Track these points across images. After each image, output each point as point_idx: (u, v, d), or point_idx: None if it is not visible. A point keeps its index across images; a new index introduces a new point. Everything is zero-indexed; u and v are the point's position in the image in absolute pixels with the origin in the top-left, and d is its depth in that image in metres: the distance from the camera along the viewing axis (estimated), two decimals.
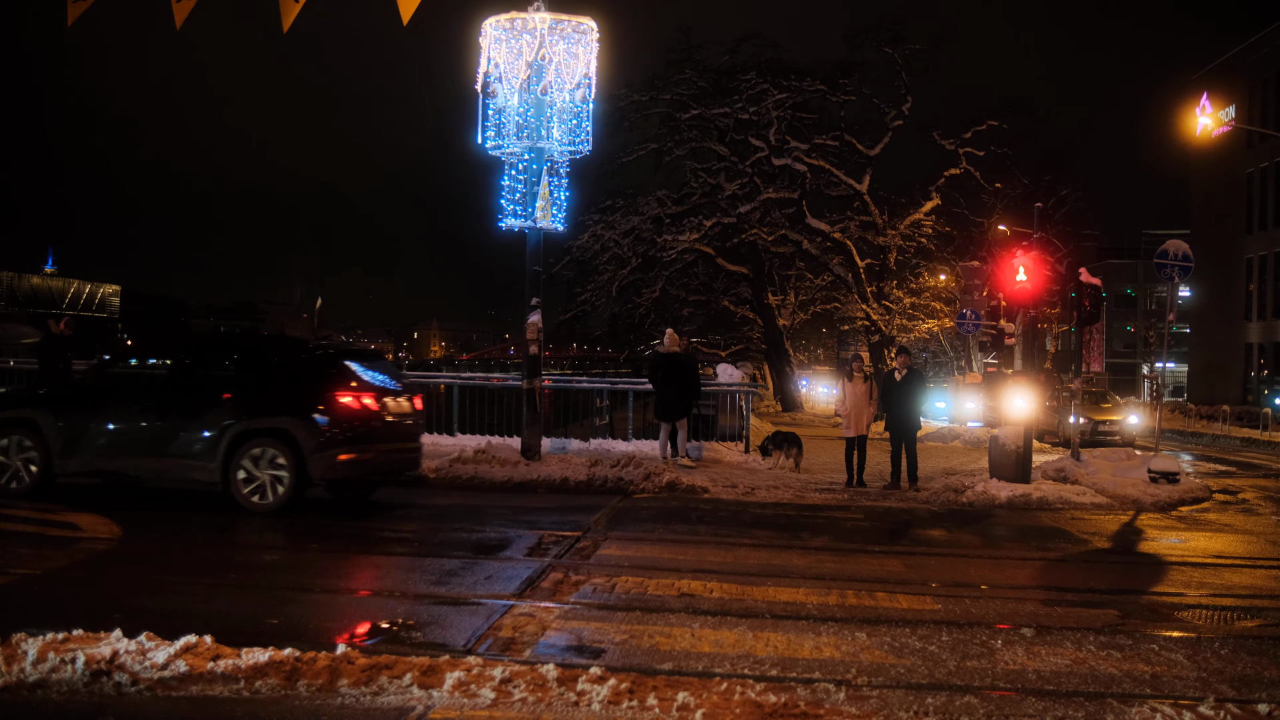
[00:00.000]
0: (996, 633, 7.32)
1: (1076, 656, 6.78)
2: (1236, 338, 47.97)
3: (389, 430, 12.13)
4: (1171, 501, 15.11)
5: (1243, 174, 47.80)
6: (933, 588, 8.85)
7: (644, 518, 12.24)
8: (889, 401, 15.92)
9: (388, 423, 12.08)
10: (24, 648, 5.77)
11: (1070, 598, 8.69)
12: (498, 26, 15.12)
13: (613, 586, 8.37)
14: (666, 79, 38.96)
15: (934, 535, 11.98)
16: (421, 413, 13.48)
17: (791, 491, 14.99)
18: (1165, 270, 18.05)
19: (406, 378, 14.55)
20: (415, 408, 13.03)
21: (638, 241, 39.52)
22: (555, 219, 15.73)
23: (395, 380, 12.76)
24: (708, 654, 6.59)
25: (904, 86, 37.08)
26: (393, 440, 12.26)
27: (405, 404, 12.61)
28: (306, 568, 8.82)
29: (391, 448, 12.23)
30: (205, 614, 7.11)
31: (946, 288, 42.13)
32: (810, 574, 9.22)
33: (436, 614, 7.37)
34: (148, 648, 5.80)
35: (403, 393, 12.64)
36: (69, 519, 10.70)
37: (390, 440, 12.19)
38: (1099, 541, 11.87)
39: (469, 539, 10.51)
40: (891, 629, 7.32)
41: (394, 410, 12.25)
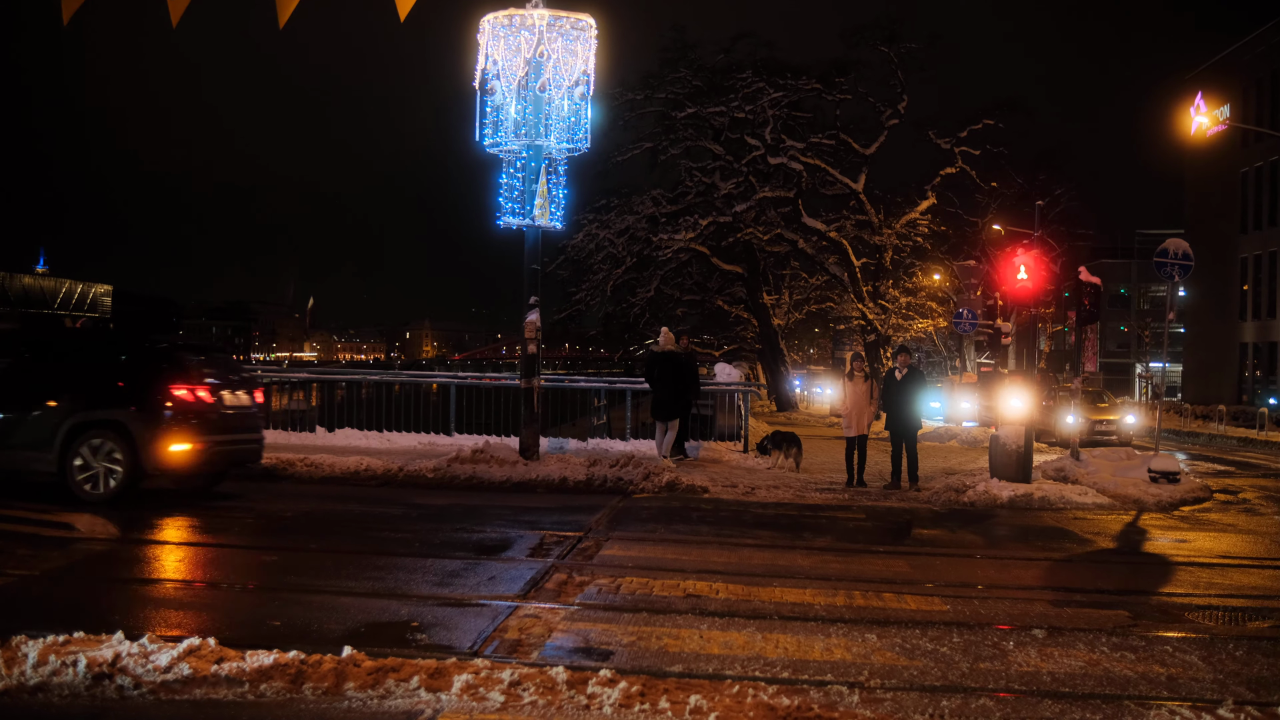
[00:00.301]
0: (1008, 634, 7.24)
1: (1090, 658, 6.70)
2: (1231, 337, 48.01)
3: (226, 422, 12.52)
4: (1173, 501, 15.05)
5: (1237, 173, 47.82)
6: (940, 588, 8.77)
7: (645, 518, 12.15)
8: (889, 401, 15.84)
9: (225, 415, 12.50)
10: (24, 650, 5.66)
11: (1079, 598, 8.61)
12: (496, 23, 15.01)
13: (617, 587, 8.28)
14: (661, 78, 38.83)
15: (938, 535, 11.90)
16: (263, 405, 13.99)
17: (792, 491, 14.91)
18: (1166, 269, 17.99)
19: (399, 377, 14.54)
20: (255, 401, 13.46)
21: (633, 241, 39.40)
22: (554, 217, 15.64)
23: (234, 374, 13.26)
24: (717, 656, 6.50)
25: (900, 85, 37.02)
26: (230, 432, 12.64)
27: (244, 397, 13.03)
28: (304, 568, 8.71)
29: (228, 439, 12.57)
30: (207, 615, 7.02)
31: (941, 287, 42.10)
32: (816, 575, 9.14)
33: (441, 615, 7.27)
34: (150, 650, 5.70)
35: (242, 386, 13.06)
36: (66, 519, 10.58)
37: (227, 432, 12.57)
38: (1103, 541, 11.80)
39: (470, 539, 10.41)
40: (901, 630, 7.24)
41: (231, 403, 12.65)
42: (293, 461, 14.96)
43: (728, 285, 46.02)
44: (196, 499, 12.48)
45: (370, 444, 18.05)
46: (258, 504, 12.34)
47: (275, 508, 12.08)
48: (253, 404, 13.28)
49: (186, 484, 12.85)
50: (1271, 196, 45.43)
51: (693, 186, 39.19)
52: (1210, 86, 46.34)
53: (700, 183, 38.86)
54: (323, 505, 12.33)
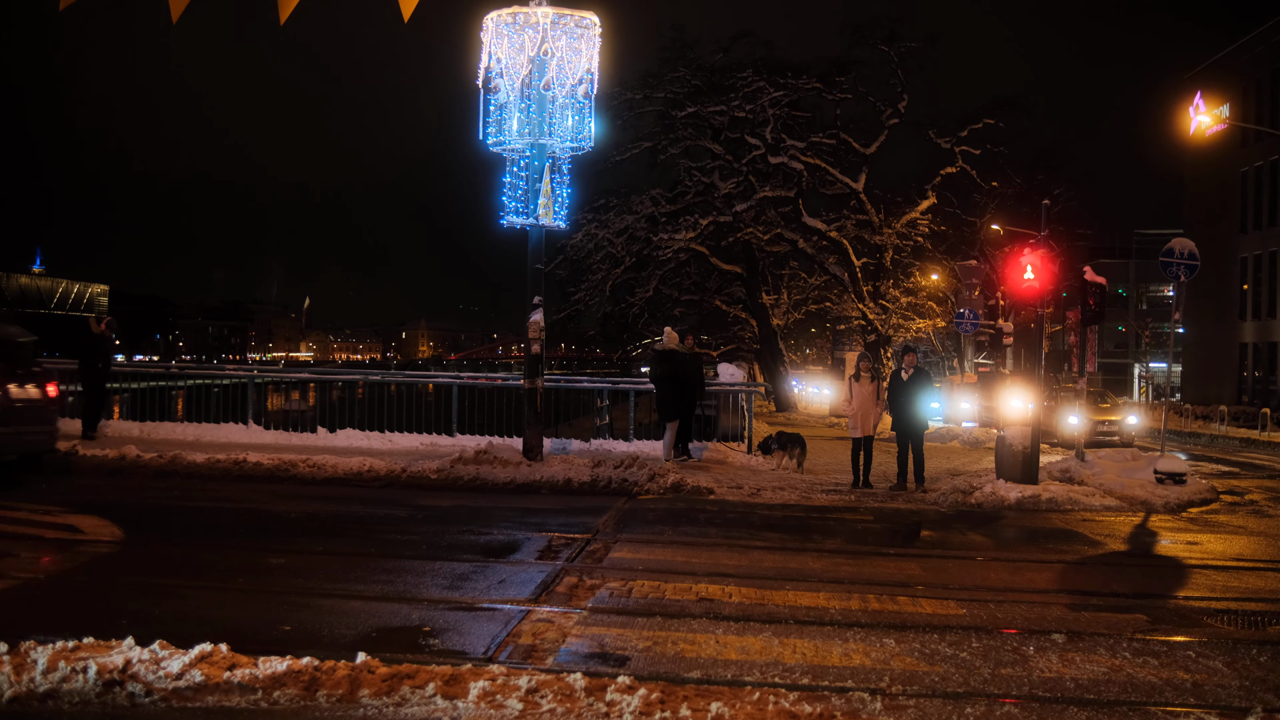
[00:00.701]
0: (1027, 638, 7.14)
1: (1112, 664, 6.62)
2: (1231, 337, 47.96)
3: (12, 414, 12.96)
4: (1181, 503, 14.95)
5: (1237, 173, 47.77)
6: (954, 592, 8.68)
7: (652, 519, 12.05)
8: (895, 402, 15.73)
9: (13, 407, 12.93)
10: (33, 656, 5.56)
11: (1095, 602, 8.52)
12: (500, 21, 14.90)
13: (629, 591, 8.18)
14: (660, 77, 38.77)
15: (947, 537, 11.80)
16: (56, 399, 14.24)
17: (797, 493, 14.81)
18: (1172, 269, 17.89)
19: (395, 378, 14.45)
20: (47, 394, 13.73)
21: (631, 240, 39.32)
22: (557, 216, 15.53)
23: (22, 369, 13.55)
24: (735, 661, 6.41)
25: (900, 85, 36.96)
26: (16, 424, 13.07)
27: (33, 390, 13.37)
28: (312, 571, 8.61)
29: (12, 430, 12.95)
30: (216, 620, 6.91)
31: (939, 287, 42.04)
32: (828, 577, 9.04)
33: (453, 619, 7.17)
34: (161, 656, 5.60)
35: (31, 379, 13.42)
36: (69, 520, 10.47)
37: (13, 424, 12.99)
38: (1114, 544, 11.70)
39: (477, 541, 10.30)
40: (919, 635, 7.15)
41: (17, 395, 13.05)
42: (295, 463, 14.85)
43: (726, 285, 45.96)
44: (221, 499, 12.40)
45: (372, 445, 17.95)
46: (262, 505, 12.24)
47: (280, 509, 11.97)
48: (43, 396, 13.58)
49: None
50: (1271, 196, 45.37)
51: (692, 186, 39.10)
52: (1210, 86, 46.33)
53: (699, 182, 38.77)
54: (327, 507, 12.22)
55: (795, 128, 37.72)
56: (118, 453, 15.11)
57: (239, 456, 15.00)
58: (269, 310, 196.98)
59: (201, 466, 14.73)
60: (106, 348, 18.22)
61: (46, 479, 13.75)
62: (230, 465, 14.72)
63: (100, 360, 17.90)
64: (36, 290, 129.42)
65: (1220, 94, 46.50)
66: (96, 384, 17.87)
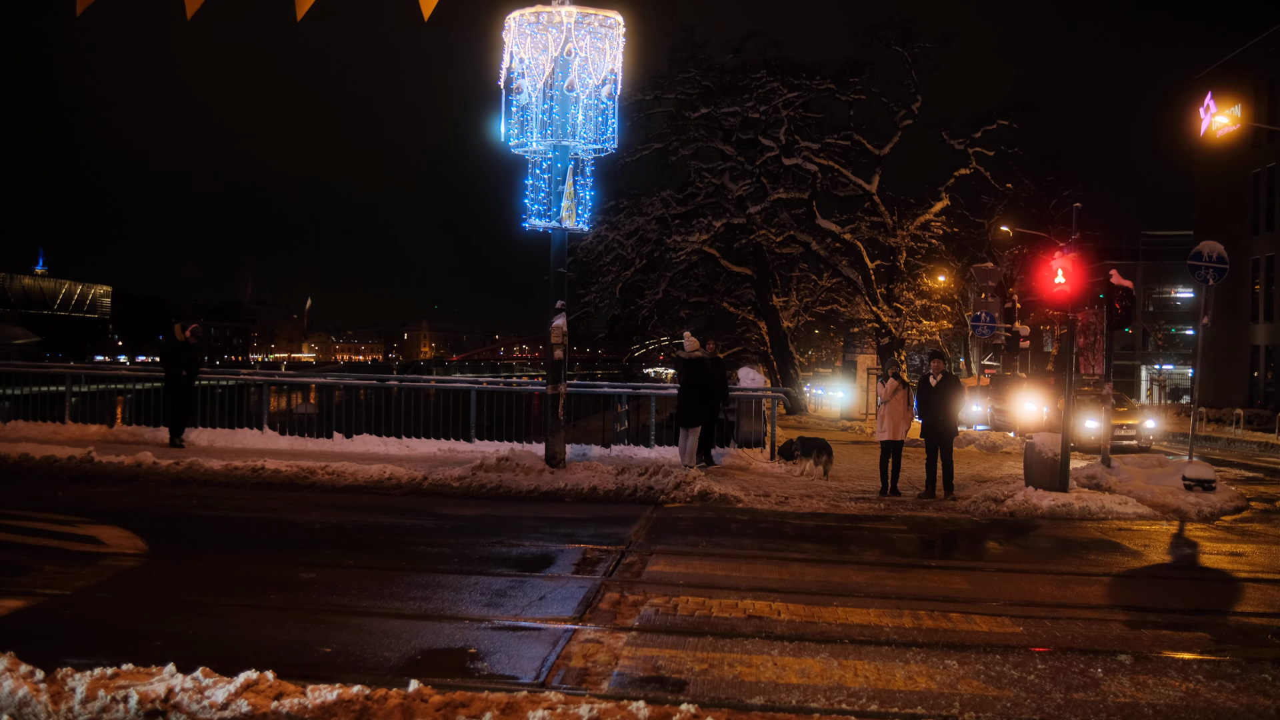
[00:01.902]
0: (1094, 659, 6.89)
1: (1187, 688, 6.36)
2: (1242, 340, 47.63)
3: None
4: (1214, 511, 14.68)
5: (1249, 174, 47.42)
6: (1006, 607, 8.42)
7: (683, 530, 11.79)
8: (925, 408, 15.48)
9: None
10: (71, 684, 5.31)
11: (1153, 619, 8.26)
12: (522, 20, 14.64)
13: (674, 608, 7.92)
14: (671, 78, 38.54)
15: (986, 548, 11.56)
16: None
17: (826, 501, 14.55)
18: (1200, 272, 17.64)
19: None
20: None
21: (641, 242, 39.08)
22: (580, 219, 15.26)
23: None
24: (797, 686, 6.16)
25: (914, 85, 36.71)
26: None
27: None
28: (345, 587, 8.35)
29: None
30: (253, 641, 6.67)
31: (948, 289, 41.78)
32: (874, 592, 8.79)
33: (498, 641, 6.91)
34: (205, 685, 5.34)
35: None
36: (90, 531, 10.22)
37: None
38: (1155, 555, 11.43)
39: (510, 554, 10.05)
40: (981, 655, 6.90)
41: None
42: (314, 470, 14.59)
43: (735, 287, 45.73)
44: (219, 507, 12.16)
45: (390, 451, 17.69)
46: (285, 515, 11.99)
47: (304, 518, 11.71)
48: None
49: None
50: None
51: (702, 188, 38.85)
52: (1221, 87, 46.03)
53: (710, 184, 38.52)
54: (351, 516, 11.95)
55: (808, 129, 37.47)
56: (133, 459, 14.85)
57: (257, 463, 14.74)
58: (270, 311, 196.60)
59: (219, 473, 14.48)
60: (192, 355, 17.89)
61: (63, 486, 13.51)
62: (248, 473, 14.47)
63: (185, 367, 17.59)
64: (39, 291, 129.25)
65: (1232, 95, 46.15)
66: (182, 392, 17.58)
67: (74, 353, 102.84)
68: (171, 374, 17.54)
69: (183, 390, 17.64)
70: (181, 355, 17.63)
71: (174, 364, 17.57)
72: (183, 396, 17.72)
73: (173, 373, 17.52)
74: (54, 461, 14.82)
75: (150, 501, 12.64)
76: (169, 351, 17.76)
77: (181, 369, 17.55)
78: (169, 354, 17.73)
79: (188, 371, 17.65)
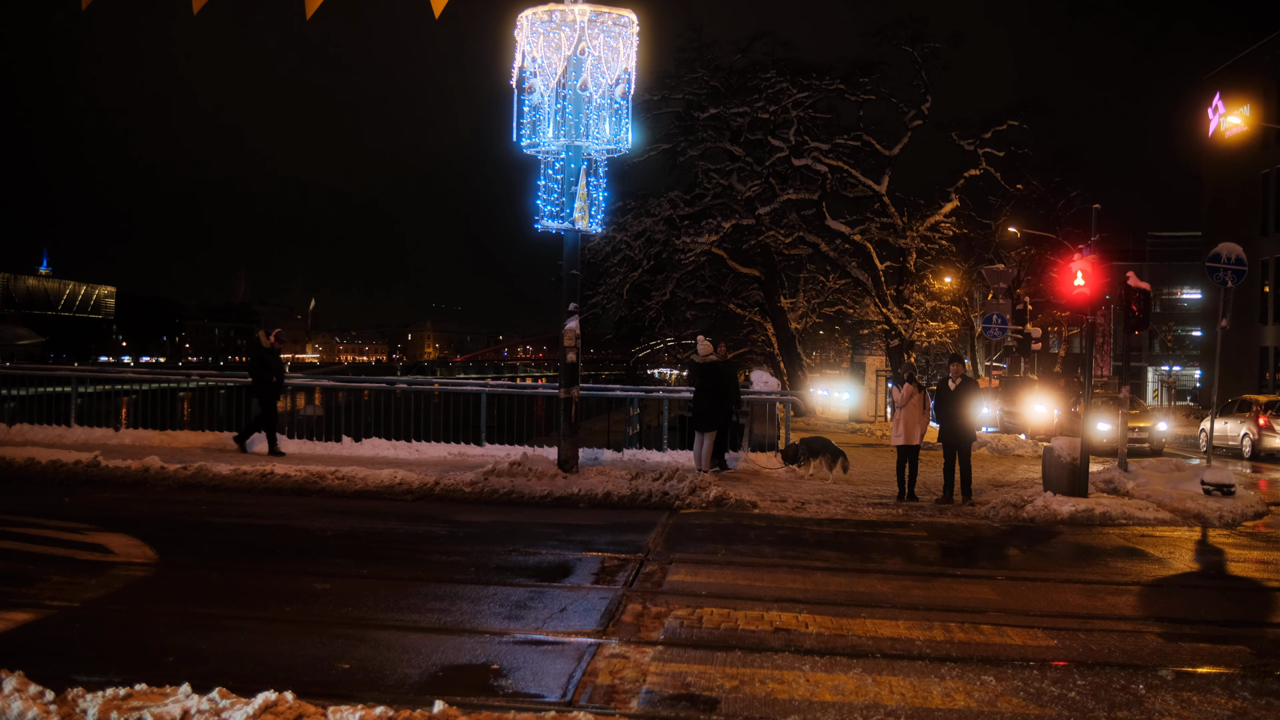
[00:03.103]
0: (1134, 675, 6.67)
1: (1235, 706, 6.15)
2: (1251, 341, 47.36)
3: None
4: (1235, 517, 14.45)
5: (1258, 175, 47.17)
6: (1037, 619, 8.21)
7: (701, 537, 11.59)
8: (943, 411, 15.28)
9: None
10: (82, 705, 5.10)
11: (1189, 631, 8.05)
12: (535, 19, 14.43)
13: (699, 620, 7.71)
14: (679, 78, 38.30)
15: (1010, 556, 11.35)
16: None
17: (843, 506, 14.35)
18: (1218, 274, 17.40)
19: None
20: None
21: (649, 243, 38.85)
22: (594, 221, 15.05)
23: None
24: (833, 704, 5.95)
25: (924, 85, 36.46)
26: None
27: None
28: (360, 598, 8.14)
29: None
30: (268, 657, 6.46)
31: (955, 291, 41.52)
32: (901, 603, 8.58)
33: (521, 656, 6.70)
34: (222, 707, 5.13)
35: None
36: (98, 539, 10.03)
37: None
38: (1181, 563, 11.21)
39: (527, 563, 9.85)
40: (1018, 671, 6.69)
41: None
42: (323, 474, 14.38)
43: (742, 289, 45.51)
44: (213, 512, 11.97)
45: (399, 455, 17.49)
46: (296, 521, 11.78)
47: (315, 525, 11.50)
48: None
49: None
50: None
51: (710, 189, 38.62)
52: (1230, 87, 45.77)
53: (718, 185, 38.29)
54: (363, 523, 11.75)
55: (816, 129, 37.24)
56: (140, 464, 14.65)
57: (265, 468, 14.54)
58: (274, 312, 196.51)
59: (228, 478, 14.28)
60: (279, 360, 17.63)
61: (69, 492, 13.33)
62: (257, 478, 14.27)
63: (274, 374, 17.35)
64: (44, 292, 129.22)
65: (1241, 95, 45.89)
66: (272, 398, 17.36)
67: (78, 354, 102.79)
68: (261, 379, 17.20)
69: (274, 397, 17.37)
70: (269, 362, 17.32)
71: (263, 370, 17.24)
72: (274, 403, 17.42)
73: (262, 378, 17.19)
74: (60, 466, 14.62)
75: (159, 508, 12.46)
76: (257, 359, 17.42)
77: (271, 375, 17.26)
78: (258, 361, 17.38)
79: (276, 378, 17.36)
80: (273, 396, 17.39)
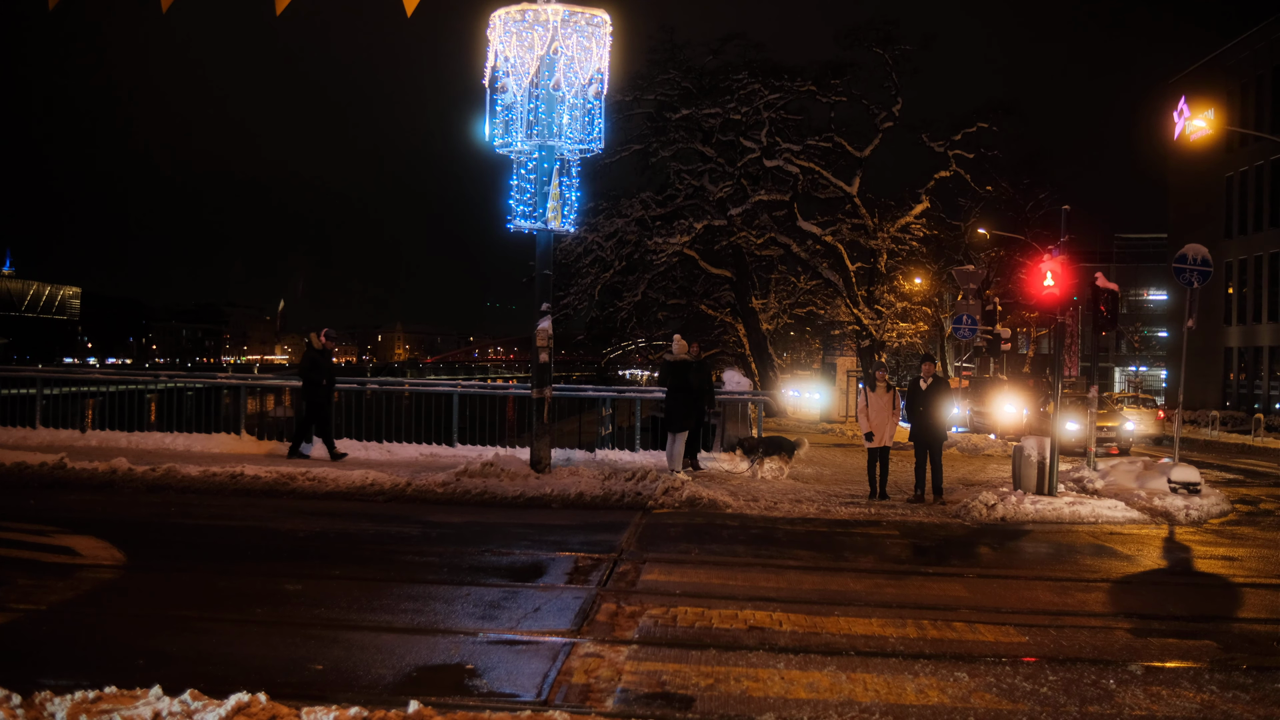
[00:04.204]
0: (1104, 670, 6.73)
1: (1203, 699, 6.22)
2: (1216, 342, 47.93)
3: None
4: (1202, 515, 14.60)
5: (1223, 177, 47.77)
6: (1008, 616, 8.27)
7: (674, 536, 11.59)
8: (914, 411, 15.35)
9: None
10: (50, 709, 5.04)
11: (1157, 626, 8.12)
12: (508, 19, 14.40)
13: (673, 619, 7.71)
14: (650, 79, 38.30)
15: (981, 554, 11.41)
16: None
17: (815, 506, 14.39)
18: (1185, 276, 17.60)
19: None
20: None
21: (621, 244, 38.83)
22: (566, 220, 15.03)
23: None
24: (807, 701, 5.97)
25: (894, 88, 36.65)
26: None
27: None
28: (333, 599, 8.09)
29: None
30: (240, 659, 6.41)
31: (925, 291, 41.73)
32: (875, 601, 8.61)
33: (496, 656, 6.68)
34: (194, 709, 5.08)
35: None
36: (65, 542, 9.91)
37: None
38: (1149, 560, 11.31)
39: (500, 563, 9.82)
40: (991, 667, 6.73)
41: None
42: (294, 476, 14.29)
43: (713, 289, 45.53)
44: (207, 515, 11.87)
45: (371, 456, 17.39)
46: (267, 523, 11.69)
47: (286, 527, 11.41)
48: None
49: None
50: (1257, 201, 45.39)
51: (682, 189, 38.63)
52: (1195, 91, 46.25)
53: (690, 186, 38.32)
54: (335, 524, 11.68)
55: (788, 131, 37.33)
56: (107, 466, 14.50)
57: (235, 470, 14.43)
58: (244, 313, 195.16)
59: (197, 480, 14.16)
60: (330, 363, 17.36)
61: (35, 495, 13.18)
62: (227, 479, 14.16)
63: (325, 376, 17.06)
64: (7, 293, 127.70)
65: (1205, 99, 46.37)
66: (325, 402, 17.11)
67: (42, 355, 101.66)
68: (313, 382, 16.93)
69: (327, 400, 17.14)
70: (321, 364, 17.04)
71: (316, 373, 16.96)
72: (327, 406, 17.21)
73: (314, 380, 16.93)
74: (25, 468, 14.46)
75: (127, 510, 12.33)
76: (311, 362, 17.09)
77: (323, 378, 17.01)
78: (311, 364, 17.05)
79: (327, 381, 17.10)
80: (325, 400, 17.10)
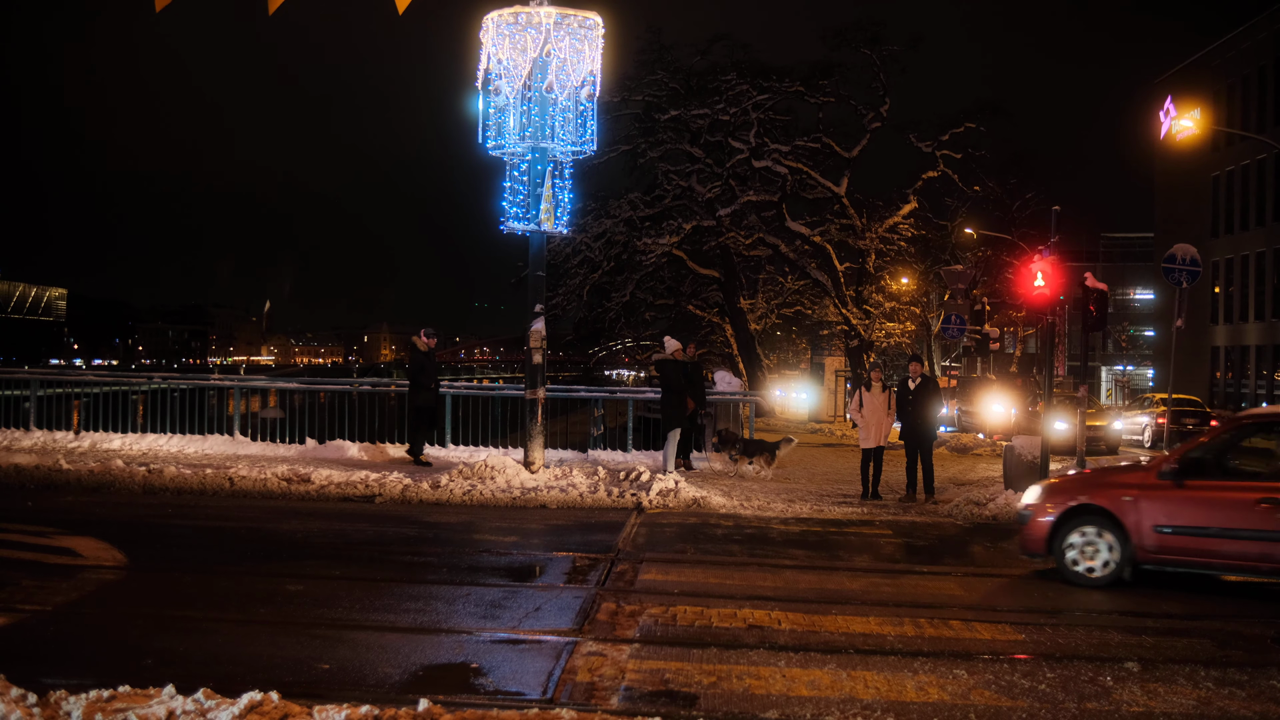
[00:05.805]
0: (1101, 667, 6.83)
1: (1199, 695, 6.32)
2: (1202, 341, 48.17)
3: None
4: None
5: (1209, 177, 48.02)
6: (1004, 614, 8.38)
7: (669, 536, 11.66)
8: (904, 411, 15.45)
9: None
10: (66, 708, 5.09)
11: (1151, 624, 8.23)
12: (500, 21, 14.45)
13: (673, 618, 7.79)
14: (638, 80, 38.29)
15: (974, 553, 11.51)
16: None
17: (809, 505, 14.49)
18: (1174, 275, 17.78)
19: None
20: None
21: (609, 245, 38.85)
22: (559, 222, 15.12)
23: None
24: (809, 699, 6.05)
25: (882, 88, 36.72)
26: None
27: None
28: (336, 599, 8.14)
29: None
30: (248, 659, 6.47)
31: (912, 291, 41.88)
32: (871, 599, 8.71)
33: (500, 655, 6.76)
34: (208, 707, 5.14)
35: None
36: (65, 543, 9.94)
37: None
38: None
39: (499, 563, 9.89)
40: (989, 664, 6.82)
41: None
42: (289, 477, 14.31)
43: (701, 290, 45.58)
44: (206, 517, 11.91)
45: (363, 456, 17.41)
46: (264, 524, 11.73)
47: (284, 527, 11.46)
48: None
49: None
50: (1243, 200, 45.64)
51: (670, 190, 38.67)
52: (1181, 91, 46.49)
53: (678, 186, 38.36)
54: (332, 524, 11.72)
55: (776, 131, 37.40)
56: (103, 467, 14.50)
57: (231, 471, 14.46)
58: (229, 314, 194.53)
59: (192, 481, 14.16)
60: (435, 366, 17.26)
61: (32, 496, 13.19)
62: (223, 480, 14.17)
63: (432, 379, 16.97)
64: None
65: (1192, 99, 46.62)
66: (432, 405, 16.99)
67: (28, 356, 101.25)
68: (421, 385, 16.77)
69: (433, 404, 17.07)
70: (427, 367, 16.91)
71: (422, 376, 16.82)
72: (434, 409, 17.16)
73: (422, 383, 16.78)
74: (20, 469, 14.45)
75: (124, 511, 12.35)
76: (417, 365, 16.90)
77: (430, 381, 16.91)
78: (417, 368, 16.86)
79: (434, 383, 17.03)
80: (432, 403, 17.00)
